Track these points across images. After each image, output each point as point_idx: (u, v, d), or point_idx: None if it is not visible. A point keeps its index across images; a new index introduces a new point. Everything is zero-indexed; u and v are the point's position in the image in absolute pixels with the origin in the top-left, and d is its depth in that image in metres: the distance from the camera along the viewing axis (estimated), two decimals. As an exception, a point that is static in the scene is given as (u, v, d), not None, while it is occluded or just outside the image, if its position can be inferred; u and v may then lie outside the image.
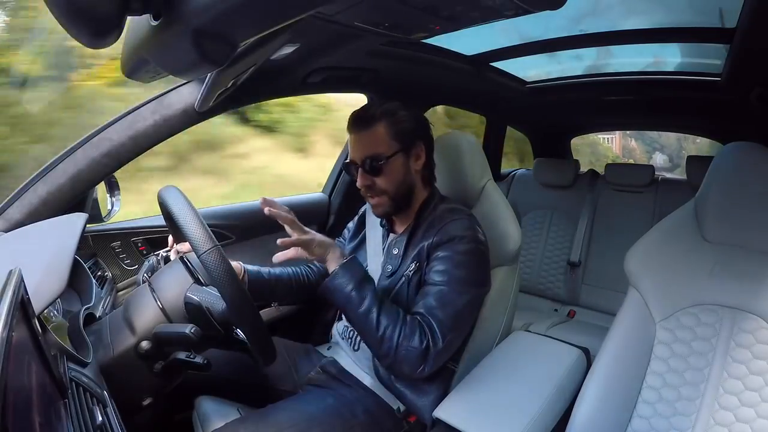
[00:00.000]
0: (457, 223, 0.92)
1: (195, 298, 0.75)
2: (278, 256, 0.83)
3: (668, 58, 1.56)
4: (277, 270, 1.09)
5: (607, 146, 9.82)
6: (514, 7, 0.60)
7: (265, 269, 1.06)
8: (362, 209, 1.15)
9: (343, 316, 1.10)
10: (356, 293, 0.82)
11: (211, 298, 0.75)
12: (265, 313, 1.38)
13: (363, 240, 1.08)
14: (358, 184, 0.94)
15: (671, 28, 1.27)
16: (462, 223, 0.92)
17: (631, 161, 8.65)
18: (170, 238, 0.97)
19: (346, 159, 1.63)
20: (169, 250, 0.97)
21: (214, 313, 0.74)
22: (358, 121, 0.93)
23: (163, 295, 0.77)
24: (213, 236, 0.69)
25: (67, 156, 0.93)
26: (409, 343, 0.81)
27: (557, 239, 2.08)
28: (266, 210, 0.82)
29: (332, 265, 0.85)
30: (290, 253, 0.84)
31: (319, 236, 0.87)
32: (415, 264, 0.92)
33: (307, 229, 0.87)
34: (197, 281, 0.78)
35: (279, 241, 0.83)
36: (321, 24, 0.78)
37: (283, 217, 0.84)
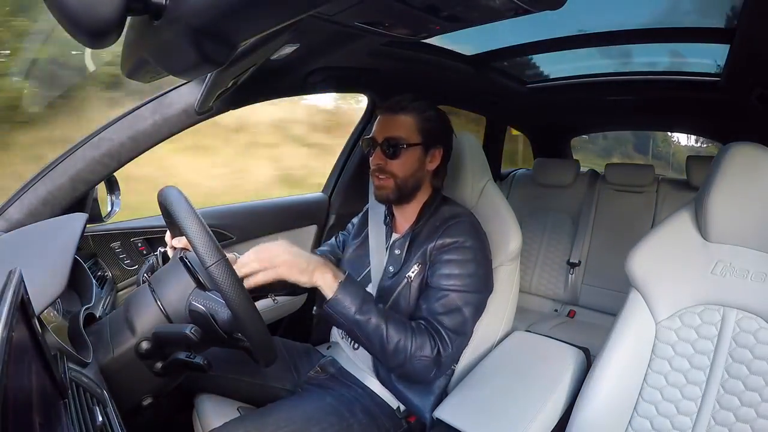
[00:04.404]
0: (461, 226, 0.92)
1: (200, 306, 0.75)
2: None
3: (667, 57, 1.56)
4: None
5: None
6: (514, 7, 0.60)
7: None
8: (366, 207, 1.15)
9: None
10: (361, 316, 0.80)
11: (215, 305, 0.75)
12: (266, 312, 1.38)
13: (366, 238, 1.07)
14: (372, 162, 0.96)
15: (671, 28, 1.27)
16: (465, 227, 0.92)
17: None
18: (167, 235, 0.96)
19: (350, 153, 1.65)
20: (167, 247, 0.97)
21: (218, 320, 0.74)
22: (392, 104, 0.96)
23: (164, 296, 0.77)
24: (220, 248, 0.69)
25: (67, 156, 0.93)
26: (422, 353, 0.82)
27: (557, 239, 2.08)
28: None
29: (327, 290, 0.80)
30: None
31: (298, 263, 0.79)
32: (418, 266, 0.92)
33: (279, 253, 0.79)
34: (199, 284, 0.78)
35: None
36: (321, 24, 0.78)
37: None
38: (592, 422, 0.81)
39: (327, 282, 0.80)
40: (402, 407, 0.97)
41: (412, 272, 0.92)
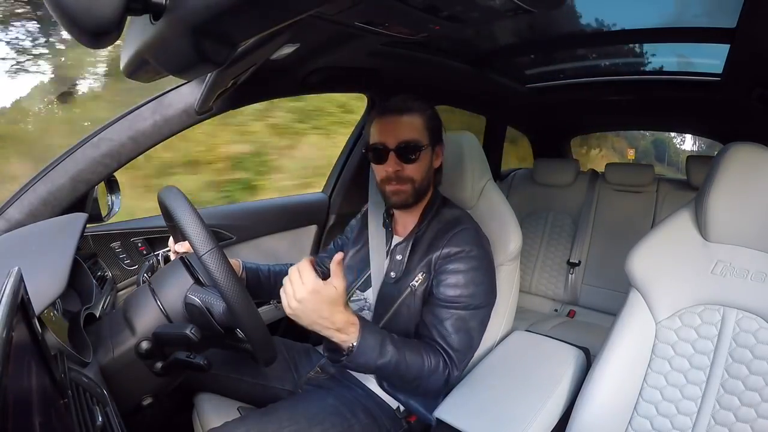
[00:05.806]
0: (467, 235, 0.91)
1: (195, 299, 0.75)
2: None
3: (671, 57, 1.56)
4: (276, 267, 1.09)
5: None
6: (514, 7, 0.60)
7: (264, 266, 1.06)
8: (364, 208, 1.14)
9: None
10: (382, 360, 0.79)
11: (211, 299, 0.75)
12: (265, 313, 1.38)
13: (365, 241, 1.06)
14: (389, 170, 0.90)
15: (672, 28, 1.27)
16: (471, 235, 0.91)
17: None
18: (171, 239, 0.97)
19: (350, 152, 1.64)
20: (169, 250, 0.98)
21: (214, 314, 0.74)
22: (397, 106, 0.91)
23: (163, 296, 0.77)
24: (213, 237, 0.69)
25: (67, 156, 0.93)
26: (434, 374, 0.83)
27: (557, 239, 2.08)
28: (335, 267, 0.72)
29: (341, 345, 0.76)
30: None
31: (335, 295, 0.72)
32: (423, 275, 0.91)
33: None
34: (197, 281, 0.78)
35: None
36: (321, 24, 0.78)
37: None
38: (592, 422, 0.81)
39: (338, 340, 0.76)
40: (402, 407, 0.97)
41: (416, 281, 0.91)
